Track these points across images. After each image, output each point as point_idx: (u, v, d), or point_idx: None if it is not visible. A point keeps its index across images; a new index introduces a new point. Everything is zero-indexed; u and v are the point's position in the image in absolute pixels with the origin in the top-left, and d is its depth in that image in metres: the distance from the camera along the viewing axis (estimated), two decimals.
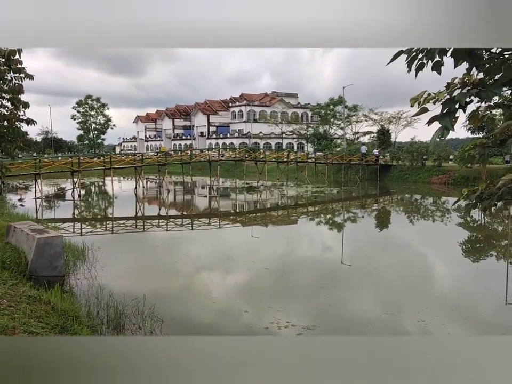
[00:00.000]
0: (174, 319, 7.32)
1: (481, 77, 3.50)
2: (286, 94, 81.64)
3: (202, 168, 49.28)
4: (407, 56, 3.27)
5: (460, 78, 3.32)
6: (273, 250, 13.91)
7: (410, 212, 24.10)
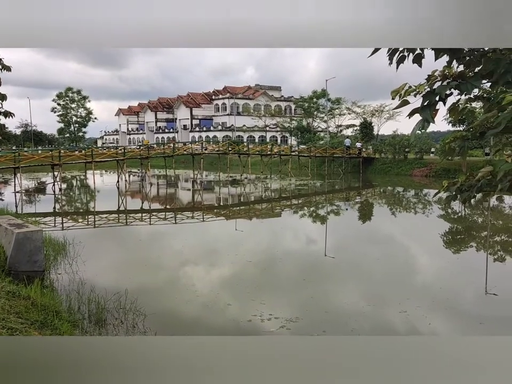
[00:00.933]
0: (157, 313, 7.28)
1: (461, 70, 3.51)
2: (269, 87, 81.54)
3: (186, 161, 49.03)
4: (388, 49, 3.28)
5: (440, 71, 3.33)
6: (257, 243, 13.92)
7: (393, 204, 24.33)
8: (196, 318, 7.34)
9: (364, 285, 9.37)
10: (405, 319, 7.20)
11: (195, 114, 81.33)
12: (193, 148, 41.65)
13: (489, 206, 20.77)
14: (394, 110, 51.18)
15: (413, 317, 7.27)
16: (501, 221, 18.04)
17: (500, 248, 13.10)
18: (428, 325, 7.03)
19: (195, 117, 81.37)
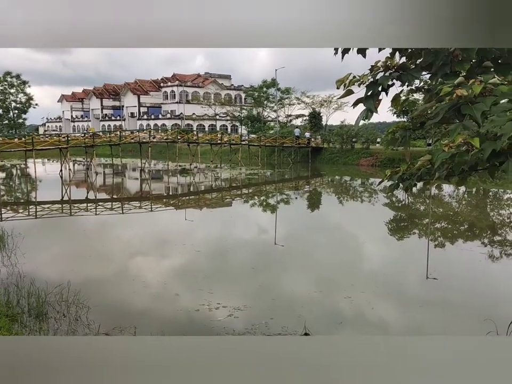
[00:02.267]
0: (102, 305, 7.10)
1: (403, 61, 3.59)
2: (219, 75, 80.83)
3: (133, 150, 47.87)
4: None
5: (383, 62, 3.39)
6: (207, 233, 13.85)
7: (340, 193, 24.89)
8: (143, 309, 7.22)
9: (312, 272, 9.54)
10: (349, 304, 7.40)
11: (143, 102, 79.41)
12: (140, 136, 40.71)
13: (430, 195, 21.67)
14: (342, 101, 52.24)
15: (357, 302, 7.48)
16: (441, 208, 18.87)
17: (440, 235, 13.70)
18: (371, 309, 7.26)
19: (143, 105, 79.46)
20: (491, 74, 3.05)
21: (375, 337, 1.43)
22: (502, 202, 21.04)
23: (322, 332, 6.27)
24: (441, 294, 8.21)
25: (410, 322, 7.07)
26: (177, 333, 5.99)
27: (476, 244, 12.24)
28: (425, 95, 4.15)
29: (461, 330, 6.64)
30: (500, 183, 24.39)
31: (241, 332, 6.16)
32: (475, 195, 23.13)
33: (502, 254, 11.19)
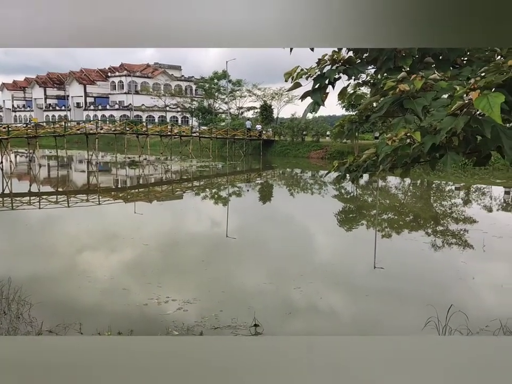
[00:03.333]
0: (45, 302, 6.84)
1: (349, 55, 3.65)
2: (169, 66, 79.43)
3: (79, 141, 46.32)
4: None
5: (330, 55, 3.43)
6: (157, 226, 13.63)
7: (291, 185, 25.19)
8: (89, 305, 7.02)
9: (263, 264, 9.61)
10: (298, 295, 7.51)
11: (89, 92, 76.84)
12: (87, 127, 39.42)
13: (377, 187, 22.33)
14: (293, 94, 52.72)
15: (306, 292, 7.61)
16: (388, 200, 19.49)
17: (387, 226, 14.16)
18: (320, 299, 7.42)
19: (89, 95, 76.88)
20: (432, 70, 3.16)
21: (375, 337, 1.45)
22: (444, 193, 22.00)
23: (272, 322, 6.33)
24: (388, 283, 8.49)
25: (358, 310, 7.28)
26: (124, 328, 5.87)
27: (420, 234, 12.73)
28: (371, 89, 4.24)
29: (404, 316, 6.90)
30: (442, 175, 25.50)
31: (190, 325, 6.12)
32: (419, 187, 24.05)
33: (444, 243, 11.72)
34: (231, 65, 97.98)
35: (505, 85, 2.71)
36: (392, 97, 2.98)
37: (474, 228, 13.03)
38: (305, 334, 6.18)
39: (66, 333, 5.78)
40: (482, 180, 25.32)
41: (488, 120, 2.48)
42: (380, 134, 4.18)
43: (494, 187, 22.87)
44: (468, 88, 2.56)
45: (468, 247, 11.03)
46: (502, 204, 18.76)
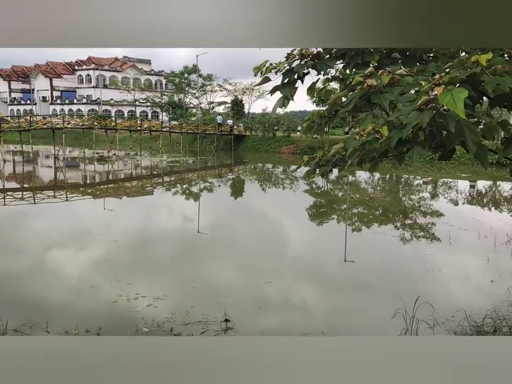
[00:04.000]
0: (11, 301, 6.66)
1: (318, 50, 3.67)
2: (138, 59, 78.15)
3: (46, 136, 45.23)
4: None
5: (299, 50, 3.43)
6: (127, 222, 13.44)
7: (263, 180, 25.24)
8: (56, 303, 6.87)
9: (234, 259, 9.60)
10: (269, 289, 7.54)
11: (56, 86, 74.91)
12: (54, 121, 38.45)
13: (348, 181, 22.61)
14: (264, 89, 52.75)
15: (277, 287, 7.65)
16: (358, 194, 19.76)
17: (357, 220, 14.35)
18: (290, 293, 7.47)
19: (56, 89, 74.96)
20: (399, 66, 3.20)
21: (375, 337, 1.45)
22: (412, 187, 22.45)
23: (242, 317, 6.34)
24: (358, 276, 8.62)
25: (328, 303, 7.36)
26: (93, 326, 5.77)
27: (389, 227, 12.97)
28: (340, 84, 4.28)
29: (373, 307, 7.02)
30: (411, 169, 26.01)
31: (160, 321, 6.06)
32: (388, 181, 24.48)
33: (412, 236, 11.97)
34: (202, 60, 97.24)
35: (469, 80, 2.77)
36: (360, 92, 3.01)
37: (441, 221, 13.35)
38: (276, 327, 6.22)
39: (32, 332, 5.64)
40: (449, 174, 25.97)
41: (453, 115, 2.53)
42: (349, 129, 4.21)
43: (460, 181, 23.50)
44: (433, 84, 2.60)
45: (435, 240, 11.30)
46: (468, 198, 19.29)
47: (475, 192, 20.78)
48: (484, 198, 19.45)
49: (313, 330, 5.89)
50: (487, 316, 6.06)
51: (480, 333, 5.64)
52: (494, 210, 16.44)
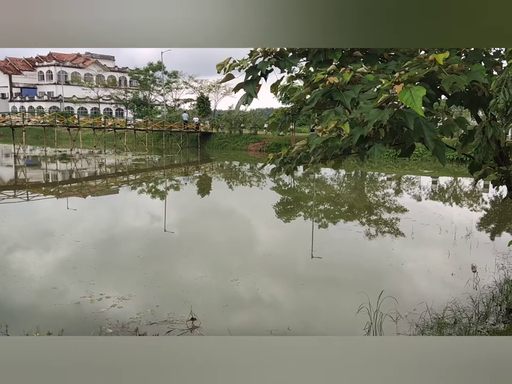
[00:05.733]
0: None
1: (281, 48, 3.68)
2: (101, 56, 76.55)
3: (5, 134, 43.79)
4: None
5: (262, 48, 3.43)
6: (91, 222, 13.15)
7: (230, 178, 25.18)
8: (16, 306, 6.66)
9: (201, 257, 9.54)
10: (235, 287, 7.54)
11: (15, 82, 72.50)
12: (13, 119, 37.19)
13: (314, 178, 22.83)
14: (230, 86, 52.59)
15: (243, 284, 7.65)
16: (324, 191, 19.98)
17: (323, 216, 14.51)
18: (256, 290, 7.48)
19: (15, 85, 72.56)
20: (360, 64, 3.25)
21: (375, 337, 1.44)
22: (377, 184, 22.88)
23: (208, 315, 6.31)
24: (324, 271, 8.72)
25: (295, 299, 7.42)
26: (55, 328, 5.62)
27: (354, 223, 13.16)
28: (304, 82, 4.30)
29: (339, 302, 7.12)
30: (375, 166, 26.50)
31: (125, 322, 5.97)
32: (354, 178, 24.86)
33: (377, 231, 12.19)
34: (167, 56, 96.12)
35: (427, 78, 2.83)
36: (322, 89, 3.03)
37: (404, 217, 13.66)
38: (242, 325, 6.22)
39: None
40: (412, 171, 26.59)
41: (411, 113, 2.58)
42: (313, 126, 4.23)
43: (422, 177, 24.10)
44: (392, 82, 2.65)
45: (399, 235, 11.55)
46: (430, 193, 19.80)
47: (437, 188, 21.36)
48: (445, 193, 20.02)
49: (280, 327, 5.93)
50: (448, 308, 6.25)
51: (441, 325, 5.80)
52: (455, 205, 16.94)
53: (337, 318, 6.52)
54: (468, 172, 4.42)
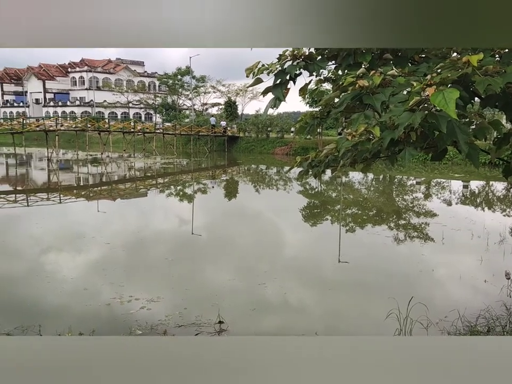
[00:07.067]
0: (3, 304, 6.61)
1: (310, 51, 3.66)
2: (131, 61, 78.01)
3: (39, 138, 44.96)
4: None
5: (291, 51, 3.43)
6: (120, 224, 13.39)
7: (257, 181, 25.22)
8: (49, 306, 6.82)
9: (229, 260, 9.58)
10: (263, 291, 7.53)
11: (49, 88, 74.59)
12: (47, 124, 38.24)
13: (341, 182, 22.64)
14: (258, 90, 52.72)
15: (271, 288, 7.63)
16: (352, 195, 19.79)
17: (350, 220, 14.37)
18: (284, 294, 7.45)
19: (49, 91, 74.64)
20: (390, 66, 3.21)
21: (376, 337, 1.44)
22: (406, 188, 22.52)
23: (236, 319, 6.32)
24: (352, 276, 8.63)
25: (322, 304, 7.36)
26: (86, 328, 5.73)
27: (383, 227, 12.98)
28: (333, 85, 4.28)
29: (367, 308, 7.02)
30: (404, 170, 26.10)
31: (154, 323, 6.04)
32: (382, 182, 24.54)
33: (405, 236, 11.99)
34: (195, 61, 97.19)
35: (460, 81, 2.77)
36: (351, 93, 3.01)
37: (434, 221, 13.39)
38: (269, 328, 6.20)
39: (25, 335, 5.59)
40: (442, 175, 26.08)
41: (444, 116, 2.53)
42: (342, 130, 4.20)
43: (453, 181, 23.59)
44: (424, 84, 2.60)
45: (429, 240, 11.33)
46: (461, 198, 19.37)
47: (468, 192, 20.87)
48: (477, 198, 19.54)
49: (307, 332, 5.89)
50: (481, 316, 6.08)
51: (474, 333, 5.66)
52: (487, 210, 16.52)
53: (366, 323, 6.43)
54: (501, 175, 4.30)
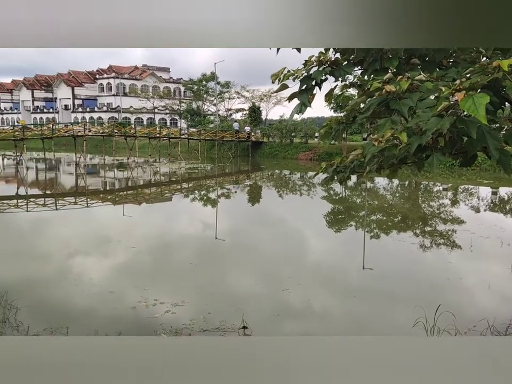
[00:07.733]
0: (32, 306, 6.75)
1: (336, 57, 3.66)
2: (157, 67, 79.15)
3: (67, 143, 45.95)
4: None
5: (316, 57, 3.43)
6: (145, 228, 13.55)
7: (280, 186, 25.19)
8: (76, 308, 6.94)
9: (252, 265, 9.58)
10: (286, 296, 7.50)
11: (77, 94, 76.28)
12: (75, 129, 39.09)
13: (366, 187, 22.43)
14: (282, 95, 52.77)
15: (294, 294, 7.60)
16: (377, 201, 19.57)
17: (375, 226, 14.21)
18: (308, 300, 7.41)
19: (77, 97, 76.33)
20: (418, 71, 3.17)
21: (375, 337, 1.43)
22: (432, 194, 22.15)
23: (260, 324, 6.31)
24: (377, 283, 8.51)
25: (346, 311, 7.28)
26: (112, 331, 5.81)
27: (408, 234, 12.79)
28: (358, 90, 4.26)
29: (393, 316, 6.92)
30: (430, 176, 25.68)
31: (179, 327, 6.08)
32: (407, 188, 24.19)
33: (432, 243, 11.78)
34: (220, 67, 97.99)
35: (490, 85, 2.72)
36: (378, 98, 2.98)
37: (462, 229, 13.12)
38: (293, 334, 6.17)
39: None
40: (470, 181, 25.55)
41: (474, 121, 2.49)
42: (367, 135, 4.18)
43: (481, 187, 23.09)
44: (453, 89, 2.57)
45: (456, 248, 11.11)
46: (489, 205, 18.93)
47: (497, 199, 20.39)
48: (506, 205, 19.08)
49: None
50: (511, 326, 5.93)
51: None
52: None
53: (392, 331, 6.33)
54: None
